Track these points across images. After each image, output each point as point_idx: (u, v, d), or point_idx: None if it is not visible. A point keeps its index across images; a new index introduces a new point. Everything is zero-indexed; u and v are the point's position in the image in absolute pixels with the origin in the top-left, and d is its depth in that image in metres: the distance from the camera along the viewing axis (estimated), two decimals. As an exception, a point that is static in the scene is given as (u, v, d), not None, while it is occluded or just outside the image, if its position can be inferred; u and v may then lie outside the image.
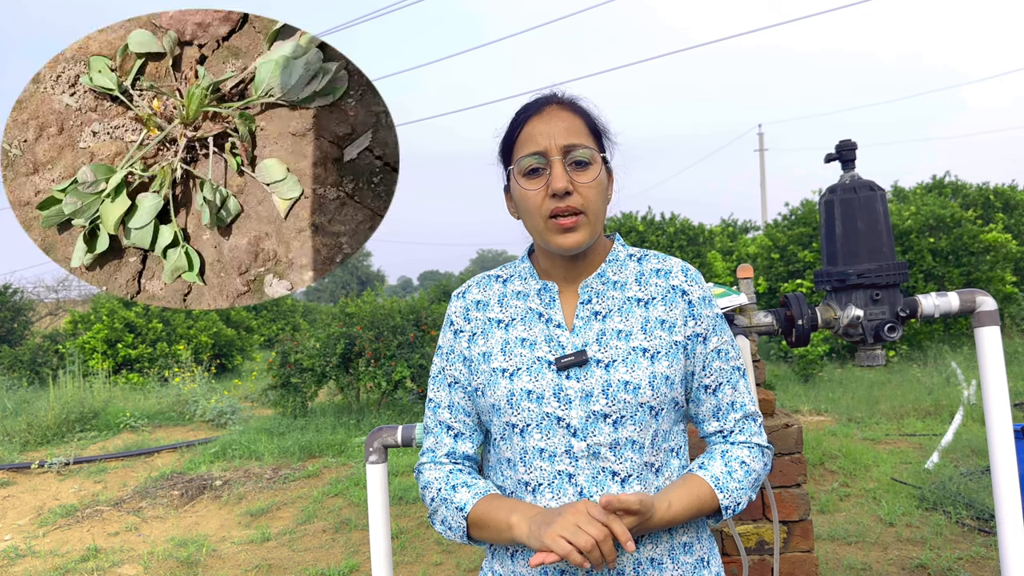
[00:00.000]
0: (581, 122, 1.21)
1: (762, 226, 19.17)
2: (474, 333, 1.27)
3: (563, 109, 1.22)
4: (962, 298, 2.00)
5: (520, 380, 1.18)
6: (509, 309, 1.26)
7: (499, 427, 1.21)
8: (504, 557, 1.22)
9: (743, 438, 1.24)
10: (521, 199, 1.21)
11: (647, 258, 1.28)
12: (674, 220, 15.75)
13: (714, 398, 1.24)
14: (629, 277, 1.25)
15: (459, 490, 1.21)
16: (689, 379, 1.23)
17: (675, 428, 1.23)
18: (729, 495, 1.18)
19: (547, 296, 1.24)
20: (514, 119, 1.24)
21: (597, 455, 1.14)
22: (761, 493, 2.31)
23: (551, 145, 1.17)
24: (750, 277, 2.25)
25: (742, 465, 1.21)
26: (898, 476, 5.22)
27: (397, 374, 8.13)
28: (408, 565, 4.22)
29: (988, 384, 1.93)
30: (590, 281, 1.24)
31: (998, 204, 13.90)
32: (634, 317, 1.21)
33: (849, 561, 3.77)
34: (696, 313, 1.22)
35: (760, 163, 27.92)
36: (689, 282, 1.24)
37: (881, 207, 2.10)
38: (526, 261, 1.31)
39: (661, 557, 1.17)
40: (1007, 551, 1.88)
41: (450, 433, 1.27)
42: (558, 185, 1.15)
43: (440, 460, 1.27)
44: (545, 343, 1.20)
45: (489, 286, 1.31)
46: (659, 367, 1.17)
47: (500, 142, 1.26)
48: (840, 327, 2.09)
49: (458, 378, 1.27)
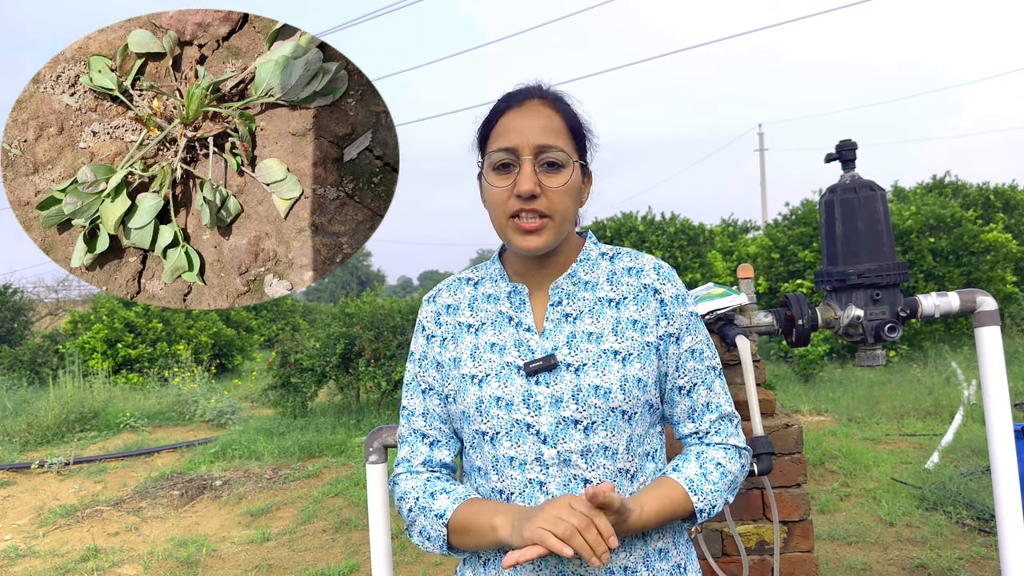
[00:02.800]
0: (560, 121, 1.17)
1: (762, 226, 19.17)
2: (444, 338, 1.23)
3: (544, 105, 1.17)
4: (962, 298, 2.00)
5: (489, 387, 1.15)
6: (479, 313, 1.23)
7: (469, 435, 1.18)
8: (476, 564, 1.18)
9: (719, 439, 1.20)
10: (488, 193, 1.17)
11: (619, 256, 1.24)
12: (674, 220, 15.75)
13: (689, 399, 1.20)
14: (601, 277, 1.21)
15: (438, 497, 1.16)
16: (663, 380, 1.19)
17: (651, 431, 1.19)
18: (704, 498, 1.14)
19: (517, 299, 1.21)
20: (494, 108, 1.20)
21: (568, 462, 1.11)
22: (761, 493, 2.31)
23: (523, 143, 1.13)
24: (750, 277, 2.25)
25: (717, 467, 1.17)
26: (898, 476, 5.22)
27: (397, 374, 8.13)
28: (408, 565, 4.22)
29: (988, 384, 1.93)
30: (560, 282, 1.20)
31: (998, 204, 13.90)
32: (605, 318, 1.17)
33: (849, 561, 3.77)
34: (668, 312, 1.18)
35: (760, 163, 27.93)
36: (661, 280, 1.20)
37: (881, 207, 2.10)
38: (497, 263, 1.27)
39: (635, 565, 1.13)
40: (1007, 551, 1.88)
41: (425, 441, 1.23)
42: (524, 187, 1.11)
43: (416, 469, 1.23)
44: (515, 347, 1.17)
45: (460, 289, 1.27)
46: (631, 370, 1.14)
47: (478, 128, 1.22)
48: (840, 327, 2.09)
49: (432, 384, 1.23)
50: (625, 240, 14.39)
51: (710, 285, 2.30)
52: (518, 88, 1.20)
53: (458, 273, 1.32)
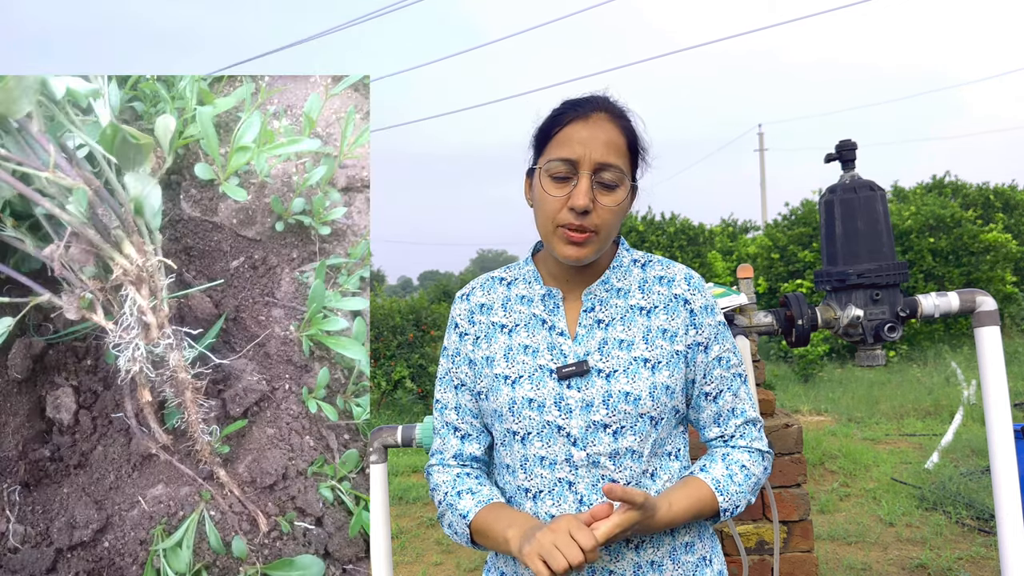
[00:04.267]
0: (623, 139, 1.18)
1: (762, 226, 19.17)
2: (478, 336, 1.26)
3: (610, 121, 1.18)
4: (962, 298, 2.00)
5: (522, 388, 1.18)
6: (513, 314, 1.25)
7: (500, 433, 1.21)
8: (508, 556, 1.22)
9: (744, 443, 1.23)
10: (540, 199, 1.19)
11: (651, 264, 1.27)
12: (674, 220, 15.75)
13: (715, 405, 1.23)
14: (633, 284, 1.24)
15: (463, 497, 1.21)
16: (689, 387, 1.23)
17: (674, 432, 1.23)
18: (729, 498, 1.18)
19: (551, 303, 1.23)
20: (558, 111, 1.20)
21: (597, 464, 1.14)
22: (761, 493, 2.31)
23: (585, 158, 1.14)
24: (750, 277, 2.26)
25: (742, 469, 1.21)
26: (898, 476, 5.22)
27: (397, 374, 8.14)
28: (408, 565, 4.22)
29: (988, 384, 1.93)
30: (594, 288, 1.23)
31: (998, 204, 13.90)
32: (636, 326, 1.20)
33: (849, 561, 3.77)
34: (698, 322, 1.21)
35: (760, 163, 27.92)
36: (692, 291, 1.23)
37: (881, 207, 2.10)
38: (530, 264, 1.29)
39: (662, 560, 1.17)
40: (1007, 551, 1.88)
41: (457, 435, 1.27)
42: (579, 202, 1.13)
43: (448, 463, 1.27)
44: (548, 351, 1.20)
45: (493, 289, 1.29)
46: (660, 377, 1.17)
47: (538, 129, 1.22)
48: (840, 327, 2.09)
49: (464, 380, 1.27)
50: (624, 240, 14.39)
51: (710, 285, 2.30)
52: (584, 97, 1.21)
53: (491, 272, 1.33)
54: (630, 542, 1.15)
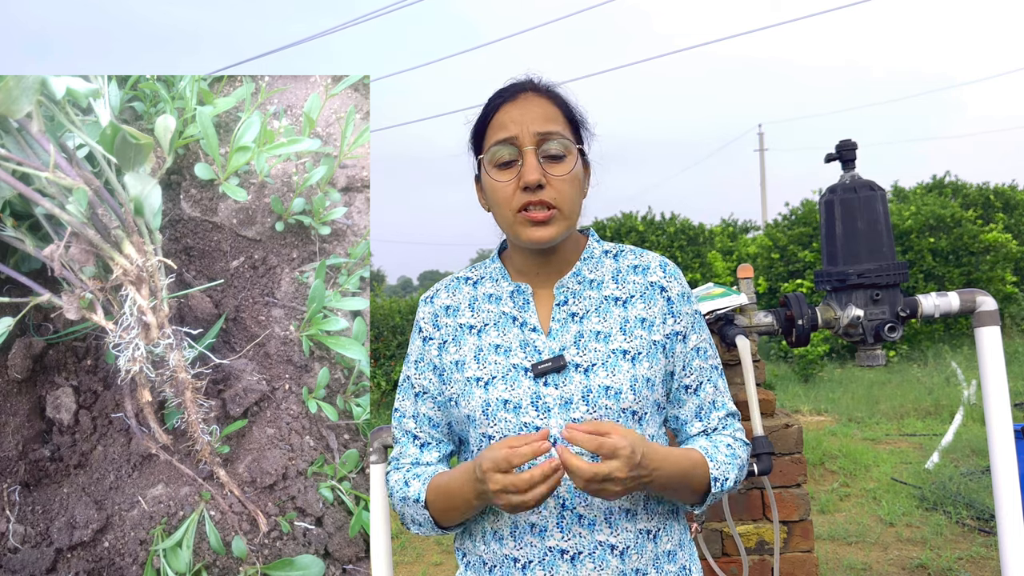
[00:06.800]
0: (557, 110, 1.15)
1: (762, 226, 19.17)
2: (444, 340, 1.20)
3: (539, 96, 1.15)
4: (962, 298, 2.00)
5: (495, 389, 1.12)
6: (481, 314, 1.19)
7: (476, 438, 1.16)
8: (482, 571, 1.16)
9: (727, 432, 1.20)
10: (491, 191, 1.14)
11: (623, 254, 1.22)
12: (674, 220, 15.74)
13: (696, 398, 1.19)
14: (606, 275, 1.19)
15: (411, 483, 1.17)
16: (668, 380, 1.18)
17: (658, 433, 1.18)
18: (718, 467, 1.13)
19: (521, 298, 1.18)
20: (487, 105, 1.17)
21: None
22: (761, 493, 2.31)
23: (524, 133, 1.10)
24: (750, 277, 2.25)
25: (728, 447, 1.17)
26: (898, 476, 5.22)
27: (396, 374, 8.14)
28: (408, 565, 4.22)
29: (988, 384, 1.93)
30: (565, 281, 1.17)
31: (998, 204, 13.90)
32: (612, 317, 1.15)
33: (849, 561, 3.77)
34: (675, 311, 1.17)
35: (760, 163, 27.93)
36: (668, 278, 1.19)
37: (881, 207, 2.10)
38: (497, 261, 1.24)
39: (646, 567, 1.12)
40: (1007, 551, 1.88)
41: (416, 443, 1.23)
42: (530, 177, 1.08)
43: (403, 467, 1.23)
44: (520, 349, 1.14)
45: (458, 289, 1.24)
46: (640, 369, 1.12)
47: (471, 129, 1.19)
48: (840, 327, 2.09)
49: (427, 388, 1.21)
50: (625, 240, 14.39)
51: (710, 285, 2.30)
52: (510, 83, 1.18)
53: (456, 273, 1.29)
54: (614, 549, 1.09)
